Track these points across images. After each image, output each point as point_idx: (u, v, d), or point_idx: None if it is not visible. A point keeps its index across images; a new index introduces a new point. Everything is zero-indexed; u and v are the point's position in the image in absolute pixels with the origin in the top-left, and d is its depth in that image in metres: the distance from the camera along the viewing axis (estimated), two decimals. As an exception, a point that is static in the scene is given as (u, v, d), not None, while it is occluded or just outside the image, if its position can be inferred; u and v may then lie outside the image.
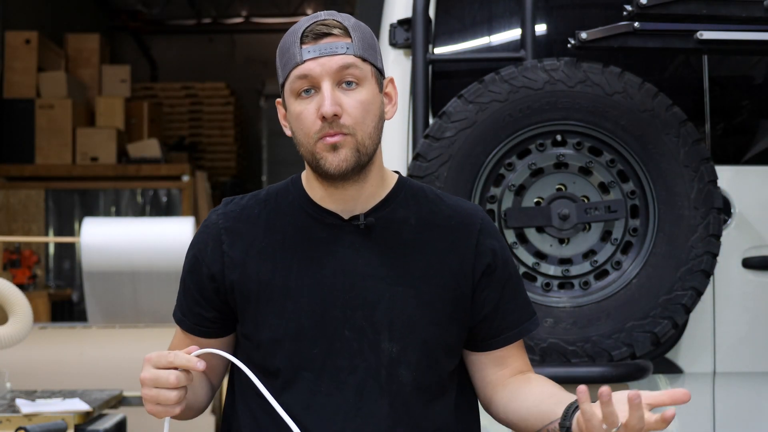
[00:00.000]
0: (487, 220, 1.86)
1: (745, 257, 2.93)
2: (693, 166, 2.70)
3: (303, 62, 1.71)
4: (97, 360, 4.16)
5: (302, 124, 1.73)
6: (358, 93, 1.72)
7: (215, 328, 1.84)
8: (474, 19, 3.16)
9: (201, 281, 1.82)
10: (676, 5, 2.47)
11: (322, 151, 1.71)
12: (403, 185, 1.85)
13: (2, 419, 2.81)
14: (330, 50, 1.70)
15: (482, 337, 1.84)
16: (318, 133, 1.71)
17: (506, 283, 1.84)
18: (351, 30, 1.73)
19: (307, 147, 1.73)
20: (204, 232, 1.84)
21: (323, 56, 1.70)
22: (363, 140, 1.72)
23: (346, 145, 1.71)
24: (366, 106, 1.73)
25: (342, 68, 1.71)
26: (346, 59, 1.71)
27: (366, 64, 1.74)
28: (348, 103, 1.71)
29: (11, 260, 7.86)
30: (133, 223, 5.35)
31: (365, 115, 1.73)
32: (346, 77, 1.71)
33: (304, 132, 1.73)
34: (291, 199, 1.83)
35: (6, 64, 8.78)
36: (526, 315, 1.87)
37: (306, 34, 1.72)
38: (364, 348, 1.74)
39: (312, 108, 1.71)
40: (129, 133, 9.43)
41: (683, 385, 2.94)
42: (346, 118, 1.70)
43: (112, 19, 12.91)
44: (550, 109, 2.72)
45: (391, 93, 1.82)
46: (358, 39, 1.73)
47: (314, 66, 1.70)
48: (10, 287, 3.32)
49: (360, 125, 1.72)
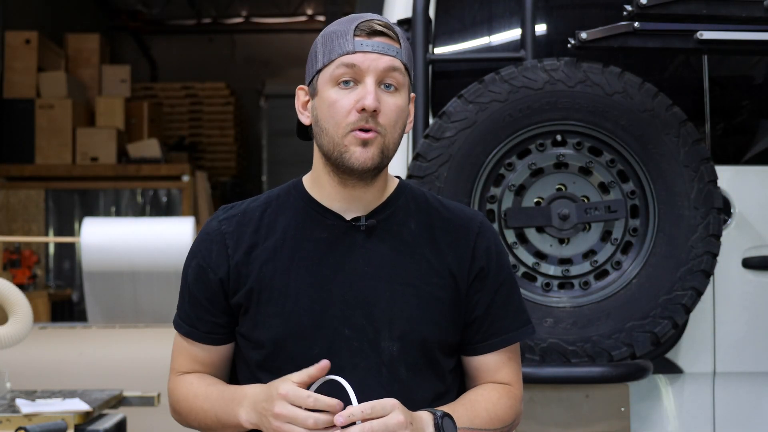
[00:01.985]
0: (486, 224, 1.87)
1: (745, 257, 2.93)
2: (693, 166, 2.70)
3: (354, 52, 1.72)
4: (97, 360, 4.16)
5: (335, 113, 1.73)
6: (397, 98, 1.75)
7: (227, 334, 1.85)
8: (474, 19, 3.16)
9: (210, 288, 1.82)
10: (676, 5, 2.47)
11: (351, 144, 1.72)
12: (404, 189, 1.86)
13: (2, 419, 2.81)
14: (383, 49, 1.73)
15: (470, 340, 1.84)
16: (352, 124, 1.71)
17: (499, 288, 1.84)
18: (401, 38, 1.77)
19: (333, 137, 1.73)
20: (206, 239, 1.84)
21: (375, 52, 1.72)
22: (389, 144, 1.74)
23: (375, 143, 1.72)
24: (399, 112, 1.75)
25: (389, 69, 1.73)
26: (395, 62, 1.73)
27: (407, 74, 1.77)
28: (387, 104, 1.73)
29: (11, 260, 7.86)
30: (133, 223, 5.35)
31: (397, 120, 1.75)
32: (388, 79, 1.73)
33: (335, 121, 1.73)
34: (292, 201, 1.84)
35: (6, 64, 8.78)
36: (518, 323, 1.86)
37: (361, 27, 1.74)
38: (364, 346, 1.75)
39: (350, 99, 1.72)
40: (129, 133, 9.43)
41: (683, 385, 2.94)
42: (383, 117, 1.72)
43: (112, 19, 12.92)
44: (550, 109, 2.72)
45: (411, 110, 1.84)
46: (405, 48, 1.77)
47: (364, 59, 1.72)
48: (10, 287, 3.32)
49: (391, 128, 1.74)
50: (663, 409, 2.93)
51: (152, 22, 13.18)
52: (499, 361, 1.86)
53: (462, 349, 1.86)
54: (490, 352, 1.84)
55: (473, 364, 1.86)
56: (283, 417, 1.63)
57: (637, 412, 2.90)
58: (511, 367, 1.87)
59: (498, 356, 1.85)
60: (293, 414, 1.62)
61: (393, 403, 1.62)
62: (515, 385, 1.88)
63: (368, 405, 1.60)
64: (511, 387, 1.86)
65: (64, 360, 4.17)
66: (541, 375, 2.65)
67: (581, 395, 2.71)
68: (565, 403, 2.71)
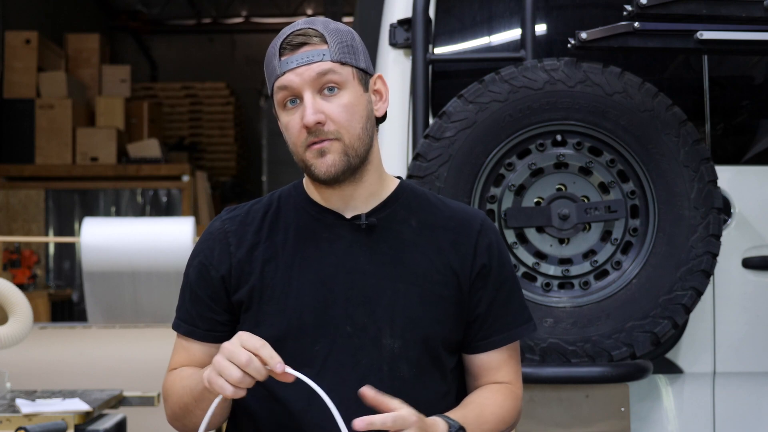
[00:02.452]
0: (488, 222, 1.87)
1: (745, 257, 2.93)
2: (693, 166, 2.70)
3: (283, 74, 1.75)
4: (97, 360, 4.16)
5: (290, 135, 1.77)
6: (341, 97, 1.75)
7: (227, 333, 1.84)
8: (474, 19, 3.16)
9: (212, 286, 1.83)
10: (676, 5, 2.47)
11: (311, 158, 1.75)
12: (404, 188, 1.87)
13: (2, 419, 2.81)
14: (306, 59, 1.74)
15: (472, 338, 1.85)
16: (305, 141, 1.74)
17: (501, 286, 1.85)
18: (327, 36, 1.76)
19: (297, 155, 1.78)
20: (208, 239, 1.86)
21: (300, 66, 1.74)
22: (351, 143, 1.75)
23: (332, 150, 1.74)
24: (350, 109, 1.75)
25: (320, 75, 1.73)
26: (323, 66, 1.74)
27: (346, 68, 1.76)
28: (331, 109, 1.74)
29: (11, 260, 7.86)
30: (133, 223, 5.35)
31: (350, 118, 1.75)
32: (326, 83, 1.74)
33: (292, 142, 1.77)
34: (294, 202, 1.86)
35: (6, 64, 8.78)
36: (520, 320, 1.88)
37: (284, 46, 1.76)
38: (366, 344, 1.76)
39: (297, 118, 1.75)
40: (129, 133, 9.44)
41: (683, 385, 2.94)
42: (329, 124, 1.74)
43: (112, 19, 12.92)
44: (550, 109, 2.72)
45: (381, 89, 1.84)
46: (336, 43, 1.76)
47: (293, 77, 1.74)
48: (10, 287, 3.32)
49: (346, 129, 1.75)
50: (663, 409, 2.93)
51: (152, 22, 13.18)
52: (501, 359, 1.87)
53: (464, 347, 1.86)
54: (493, 350, 1.85)
55: (475, 361, 1.86)
56: (225, 350, 1.60)
57: (637, 412, 2.90)
58: (511, 365, 1.88)
59: (500, 354, 1.86)
60: (234, 351, 1.59)
61: (414, 420, 1.61)
62: (516, 383, 1.89)
63: (390, 417, 1.59)
64: (512, 386, 1.88)
65: (64, 360, 4.17)
66: (541, 375, 2.65)
67: (581, 395, 2.71)
68: (565, 403, 2.71)
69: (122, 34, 13.04)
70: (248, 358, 1.57)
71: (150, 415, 3.54)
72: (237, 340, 1.60)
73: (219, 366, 1.59)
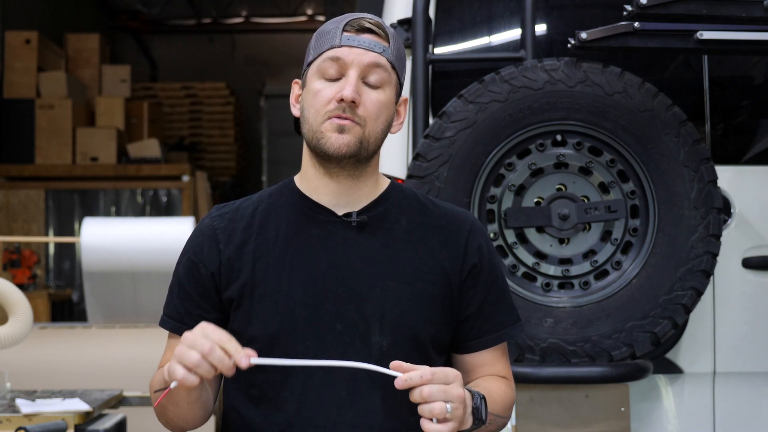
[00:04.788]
0: (477, 223, 1.89)
1: (745, 257, 2.93)
2: (693, 166, 2.70)
3: (340, 46, 1.76)
4: (97, 360, 4.16)
5: (316, 101, 1.76)
6: (379, 93, 1.77)
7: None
8: (474, 19, 3.16)
9: (201, 282, 1.83)
10: (676, 5, 2.47)
11: (328, 130, 1.75)
12: (395, 188, 1.88)
13: (2, 419, 2.81)
14: (368, 45, 1.76)
15: (463, 338, 1.86)
16: (330, 112, 1.75)
17: (492, 286, 1.86)
18: (391, 38, 1.80)
19: (312, 125, 1.77)
20: (198, 236, 1.86)
21: (361, 47, 1.76)
22: (369, 135, 1.76)
23: (352, 132, 1.75)
24: (382, 107, 1.78)
25: (372, 65, 1.76)
26: (380, 59, 1.77)
27: (393, 73, 1.80)
28: (368, 98, 1.76)
29: (11, 260, 7.86)
30: (133, 223, 5.35)
31: (378, 115, 1.77)
32: (372, 75, 1.77)
33: (315, 109, 1.77)
34: (285, 198, 1.86)
35: (6, 64, 8.78)
36: (509, 320, 1.88)
37: (351, 24, 1.78)
38: (356, 341, 1.76)
39: (332, 90, 1.76)
40: (129, 133, 9.43)
41: (683, 385, 2.94)
42: (362, 109, 1.75)
43: (112, 19, 12.92)
44: (550, 109, 2.72)
45: (401, 111, 1.87)
46: (395, 48, 1.80)
47: (348, 53, 1.75)
48: (10, 287, 3.32)
49: (371, 121, 1.76)
50: (663, 409, 2.93)
51: (152, 22, 13.18)
52: (493, 358, 1.88)
53: (455, 346, 1.87)
54: (484, 350, 1.86)
55: (467, 360, 1.87)
56: (187, 340, 1.59)
57: (637, 412, 2.90)
58: (503, 362, 1.90)
59: (492, 353, 1.88)
60: (196, 340, 1.57)
61: (456, 374, 1.62)
62: (510, 379, 1.91)
63: (429, 370, 1.59)
64: (507, 380, 1.89)
65: (64, 360, 4.17)
66: (541, 375, 2.65)
67: (581, 395, 2.71)
68: (565, 403, 2.71)
69: (122, 34, 13.03)
70: (211, 346, 1.56)
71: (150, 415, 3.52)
72: (199, 331, 1.59)
73: (178, 352, 1.58)
